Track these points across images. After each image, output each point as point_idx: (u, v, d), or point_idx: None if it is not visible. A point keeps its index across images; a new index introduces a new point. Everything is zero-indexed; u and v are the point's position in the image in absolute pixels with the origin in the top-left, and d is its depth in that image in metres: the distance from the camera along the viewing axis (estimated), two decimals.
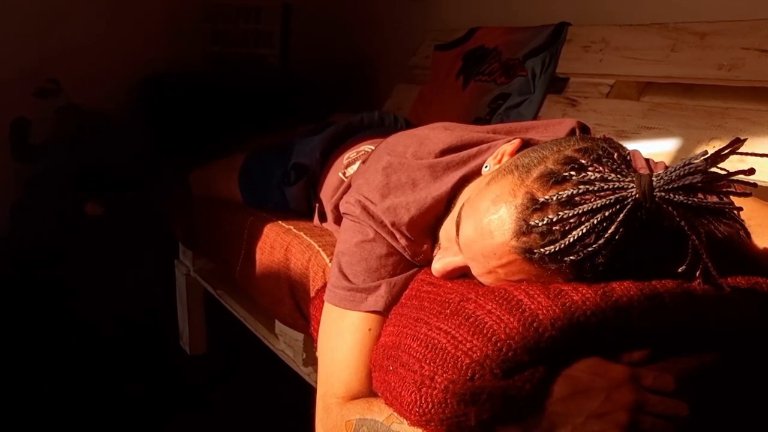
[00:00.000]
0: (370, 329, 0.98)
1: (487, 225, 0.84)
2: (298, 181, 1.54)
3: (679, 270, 0.79)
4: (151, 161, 2.40)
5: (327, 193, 1.41)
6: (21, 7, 2.44)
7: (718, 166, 0.78)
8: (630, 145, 1.59)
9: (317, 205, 1.46)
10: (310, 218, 1.51)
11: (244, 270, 1.60)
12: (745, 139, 0.79)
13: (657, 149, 1.55)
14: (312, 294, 1.25)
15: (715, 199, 0.80)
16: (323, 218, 1.44)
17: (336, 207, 1.29)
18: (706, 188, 0.77)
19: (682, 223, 0.76)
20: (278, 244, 1.43)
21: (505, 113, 1.87)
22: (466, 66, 2.15)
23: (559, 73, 1.89)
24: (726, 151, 0.78)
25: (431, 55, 2.36)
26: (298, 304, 1.36)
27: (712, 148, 1.15)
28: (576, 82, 1.85)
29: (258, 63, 2.80)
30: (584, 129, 1.14)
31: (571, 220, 0.77)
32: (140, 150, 2.49)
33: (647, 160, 1.08)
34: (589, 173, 0.79)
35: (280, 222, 1.52)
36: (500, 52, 2.05)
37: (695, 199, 0.76)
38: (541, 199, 0.79)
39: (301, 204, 1.56)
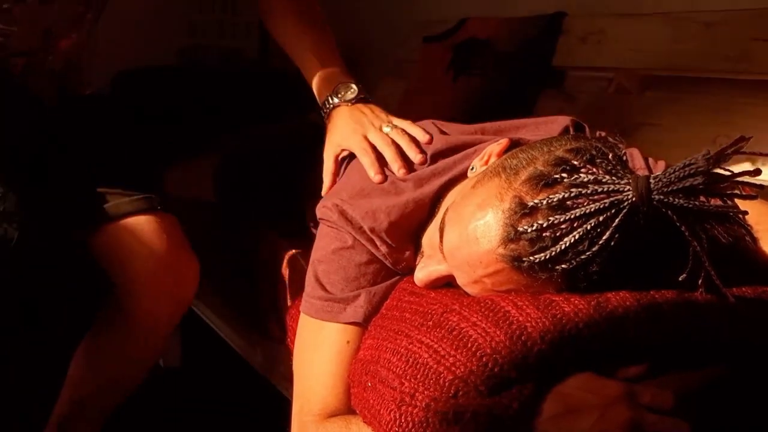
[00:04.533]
0: (348, 342, 0.97)
1: (472, 231, 0.83)
2: (277, 182, 1.52)
3: (680, 278, 0.78)
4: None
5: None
6: None
7: (722, 166, 0.76)
8: (630, 143, 1.59)
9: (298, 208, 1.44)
10: (291, 222, 1.49)
11: (219, 276, 1.58)
12: (750, 138, 0.78)
13: (659, 147, 1.54)
14: (289, 303, 1.24)
15: (718, 202, 0.79)
16: (304, 223, 1.42)
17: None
18: (708, 191, 0.76)
19: (683, 228, 0.75)
20: (255, 249, 1.42)
21: (497, 109, 1.86)
22: (456, 59, 2.13)
23: (555, 66, 1.88)
24: (729, 151, 0.77)
25: (419, 48, 2.35)
26: (276, 314, 1.35)
27: (718, 146, 1.13)
28: (573, 76, 1.84)
29: (235, 56, 2.78)
30: (578, 127, 1.12)
31: (563, 226, 0.76)
32: None
33: (646, 159, 1.06)
34: (582, 175, 0.78)
35: (258, 225, 1.50)
36: (492, 43, 2.04)
37: (696, 203, 0.74)
38: (530, 204, 0.78)
39: (282, 207, 1.54)
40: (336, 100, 1.22)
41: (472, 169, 0.99)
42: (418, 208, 1.01)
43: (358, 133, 1.14)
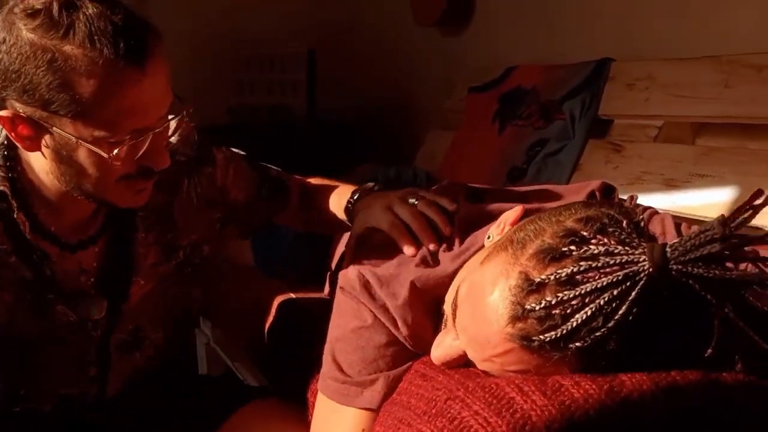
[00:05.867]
0: (363, 430, 0.94)
1: (480, 310, 0.80)
2: (307, 245, 1.52)
3: (707, 353, 0.74)
4: None
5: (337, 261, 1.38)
6: None
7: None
8: (680, 196, 1.53)
9: (329, 274, 1.43)
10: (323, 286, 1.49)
11: (256, 344, 1.59)
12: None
13: (710, 200, 1.49)
14: (311, 378, 1.22)
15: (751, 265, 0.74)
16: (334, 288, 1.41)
17: None
18: (730, 257, 0.72)
19: (708, 296, 0.71)
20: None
21: (542, 161, 1.83)
22: (502, 109, 2.12)
23: (601, 114, 1.85)
24: (746, 209, 0.73)
25: (465, 98, 2.34)
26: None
27: None
28: (620, 125, 1.81)
29: (284, 113, 2.83)
30: (608, 190, 1.08)
31: (573, 302, 0.73)
32: None
33: (678, 226, 1.01)
34: (592, 247, 0.75)
35: (291, 294, 1.51)
36: (538, 92, 2.02)
37: (717, 271, 0.70)
38: (537, 280, 0.75)
39: (314, 271, 1.54)
40: (357, 195, 1.22)
41: (489, 238, 0.97)
42: (441, 285, 0.99)
43: (384, 208, 1.11)
